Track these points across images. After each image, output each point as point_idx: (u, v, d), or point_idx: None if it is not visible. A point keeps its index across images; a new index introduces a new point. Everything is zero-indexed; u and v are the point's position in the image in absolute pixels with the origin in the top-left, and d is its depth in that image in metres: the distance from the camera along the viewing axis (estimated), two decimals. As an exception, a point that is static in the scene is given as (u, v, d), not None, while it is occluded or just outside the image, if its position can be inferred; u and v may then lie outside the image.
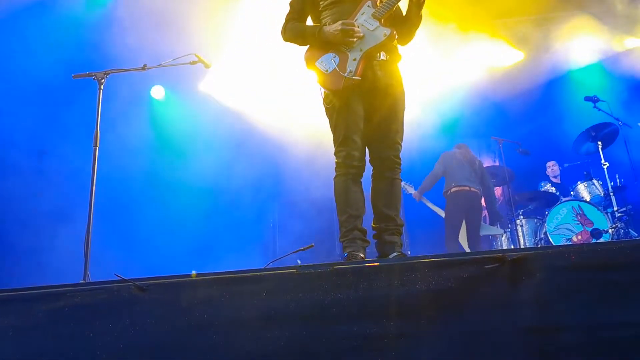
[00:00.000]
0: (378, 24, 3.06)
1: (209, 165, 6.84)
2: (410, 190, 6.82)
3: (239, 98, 7.29)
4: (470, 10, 6.91)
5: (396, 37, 3.17)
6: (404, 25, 3.24)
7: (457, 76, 7.51)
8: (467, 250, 6.10)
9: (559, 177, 7.16)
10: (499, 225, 6.76)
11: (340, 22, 3.05)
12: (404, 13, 3.29)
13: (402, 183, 6.56)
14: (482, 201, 6.73)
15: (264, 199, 7.15)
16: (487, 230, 6.61)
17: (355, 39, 3.03)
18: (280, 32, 3.32)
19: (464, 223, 6.43)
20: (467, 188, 6.40)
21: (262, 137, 7.18)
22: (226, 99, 7.32)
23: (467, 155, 6.75)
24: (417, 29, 3.26)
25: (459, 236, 6.35)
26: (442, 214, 6.72)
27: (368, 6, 3.11)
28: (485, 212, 6.89)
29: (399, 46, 3.27)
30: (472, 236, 6.36)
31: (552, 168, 7.20)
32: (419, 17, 3.22)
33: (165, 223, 6.66)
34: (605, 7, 7.51)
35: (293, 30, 3.26)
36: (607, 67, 7.86)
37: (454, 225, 6.41)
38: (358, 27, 3.05)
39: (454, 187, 6.45)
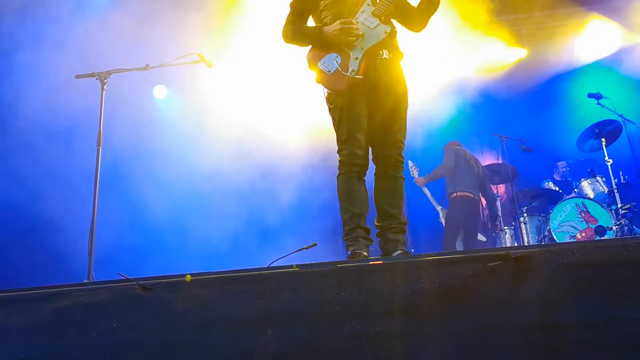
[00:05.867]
0: (378, 21, 3.06)
1: (211, 164, 6.84)
2: (415, 173, 6.84)
3: (241, 97, 7.29)
4: (474, 7, 6.89)
5: (397, 32, 3.17)
6: (417, 11, 3.23)
7: (460, 73, 7.49)
8: None
9: (562, 176, 7.14)
10: (484, 233, 6.93)
11: (339, 21, 3.04)
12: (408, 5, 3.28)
13: (410, 163, 6.69)
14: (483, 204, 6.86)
15: (267, 197, 7.15)
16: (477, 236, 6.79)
17: (355, 38, 3.03)
18: (281, 34, 3.32)
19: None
20: (471, 195, 6.60)
21: (264, 135, 7.19)
22: (228, 98, 7.32)
23: (472, 158, 6.86)
24: (432, 15, 3.25)
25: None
26: (438, 207, 6.87)
27: (368, 4, 3.10)
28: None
29: (400, 45, 3.26)
30: (469, 241, 6.53)
31: (560, 170, 7.17)
32: (437, 3, 3.20)
33: (167, 222, 6.67)
34: (609, 4, 7.48)
35: (293, 32, 3.26)
36: (610, 64, 7.84)
37: (454, 228, 6.56)
38: (357, 25, 3.05)
39: (459, 191, 6.58)
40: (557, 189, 6.70)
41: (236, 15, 6.78)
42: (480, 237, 6.74)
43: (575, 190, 6.42)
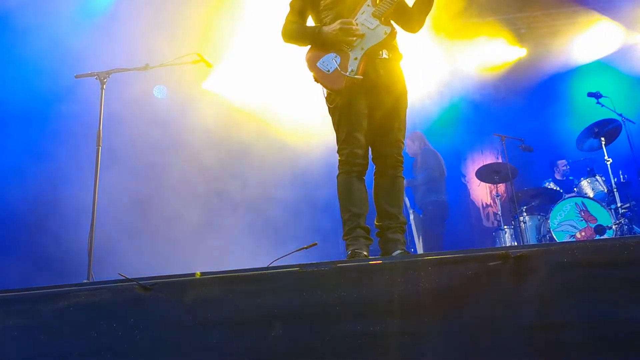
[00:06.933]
0: (378, 22, 3.06)
1: (212, 164, 6.84)
2: None
3: (241, 97, 7.30)
4: (473, 6, 6.89)
5: (397, 34, 3.17)
6: (414, 12, 3.25)
7: (459, 72, 7.49)
8: None
9: (563, 175, 7.16)
10: None
11: (338, 21, 3.05)
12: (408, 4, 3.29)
13: None
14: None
15: (267, 197, 7.15)
16: None
17: (355, 38, 3.03)
18: (280, 33, 3.31)
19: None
20: (444, 200, 6.84)
21: (264, 135, 7.18)
22: (228, 97, 7.32)
23: (442, 160, 7.01)
24: (427, 14, 3.26)
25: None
26: (411, 210, 6.89)
27: (368, 5, 3.11)
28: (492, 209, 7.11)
29: (399, 45, 3.26)
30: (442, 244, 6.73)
31: (560, 169, 7.19)
32: (432, 3, 3.21)
33: (166, 222, 6.66)
34: (608, 3, 7.49)
35: (293, 32, 3.26)
36: (610, 63, 7.84)
37: (436, 234, 6.69)
38: (357, 25, 3.05)
39: (439, 198, 6.74)
40: (557, 188, 6.70)
41: (236, 15, 6.78)
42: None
43: (575, 189, 6.42)
